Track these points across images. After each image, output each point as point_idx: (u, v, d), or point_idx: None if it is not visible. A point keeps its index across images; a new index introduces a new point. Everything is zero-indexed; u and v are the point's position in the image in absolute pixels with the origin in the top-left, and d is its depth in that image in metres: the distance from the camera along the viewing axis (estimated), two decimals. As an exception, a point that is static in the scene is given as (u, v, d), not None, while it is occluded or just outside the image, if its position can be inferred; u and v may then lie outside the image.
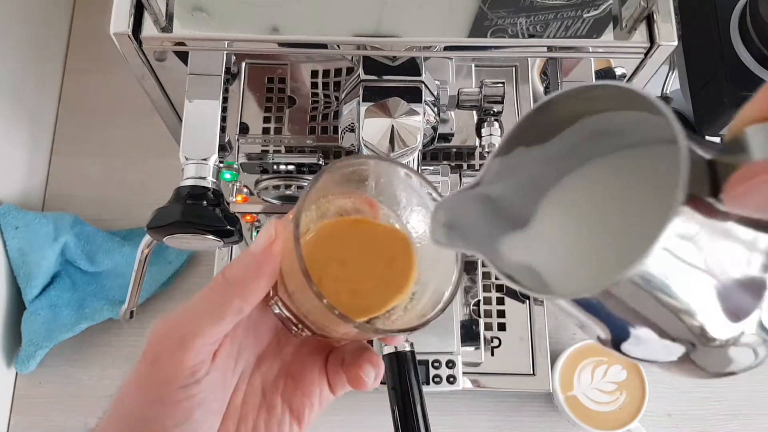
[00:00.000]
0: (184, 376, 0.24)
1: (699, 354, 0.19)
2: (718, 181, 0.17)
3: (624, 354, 0.20)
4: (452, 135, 0.55)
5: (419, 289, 0.29)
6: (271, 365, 0.30)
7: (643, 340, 0.19)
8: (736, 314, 0.18)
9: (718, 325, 0.18)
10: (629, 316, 0.18)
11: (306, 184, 0.54)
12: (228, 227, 0.41)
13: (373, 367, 0.28)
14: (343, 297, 0.26)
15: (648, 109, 0.19)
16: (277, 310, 0.29)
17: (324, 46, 0.41)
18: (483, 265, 0.67)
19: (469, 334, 0.63)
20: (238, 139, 0.54)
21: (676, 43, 0.41)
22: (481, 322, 0.64)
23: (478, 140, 0.49)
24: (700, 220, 0.16)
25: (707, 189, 0.17)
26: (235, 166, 0.53)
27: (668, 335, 0.19)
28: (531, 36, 0.41)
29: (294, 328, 0.29)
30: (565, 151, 0.22)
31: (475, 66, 0.53)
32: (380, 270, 0.28)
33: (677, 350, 0.19)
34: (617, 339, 0.20)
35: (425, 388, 0.53)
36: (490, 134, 0.48)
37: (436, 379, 0.59)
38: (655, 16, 0.41)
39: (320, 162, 0.53)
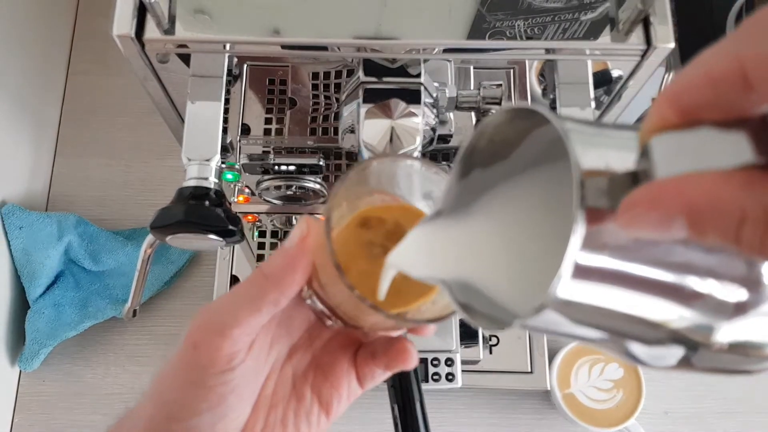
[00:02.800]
0: (221, 362, 0.26)
1: (703, 357, 0.19)
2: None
3: (636, 363, 0.20)
4: (451, 136, 0.55)
5: None
6: (302, 357, 0.31)
7: (632, 347, 0.19)
8: (726, 314, 0.18)
9: (702, 327, 0.18)
10: (595, 333, 0.18)
11: (306, 184, 0.55)
12: (230, 227, 0.41)
13: (412, 345, 0.30)
14: (375, 289, 0.27)
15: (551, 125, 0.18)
16: (310, 302, 0.29)
17: (324, 48, 0.42)
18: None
19: (468, 332, 0.63)
20: (239, 140, 0.55)
21: (672, 45, 0.41)
22: (480, 320, 0.65)
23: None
24: (617, 229, 0.16)
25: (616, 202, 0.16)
26: (237, 166, 0.53)
27: (644, 339, 0.18)
28: (529, 38, 0.41)
29: (328, 320, 0.30)
30: (519, 167, 0.22)
31: (474, 68, 0.53)
32: None
33: (675, 354, 0.19)
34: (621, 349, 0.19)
35: (424, 386, 0.53)
36: (489, 135, 0.48)
37: (435, 377, 0.60)
38: (651, 19, 0.41)
39: (321, 162, 0.53)
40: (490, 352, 0.65)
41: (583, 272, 0.16)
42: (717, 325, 0.18)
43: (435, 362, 0.60)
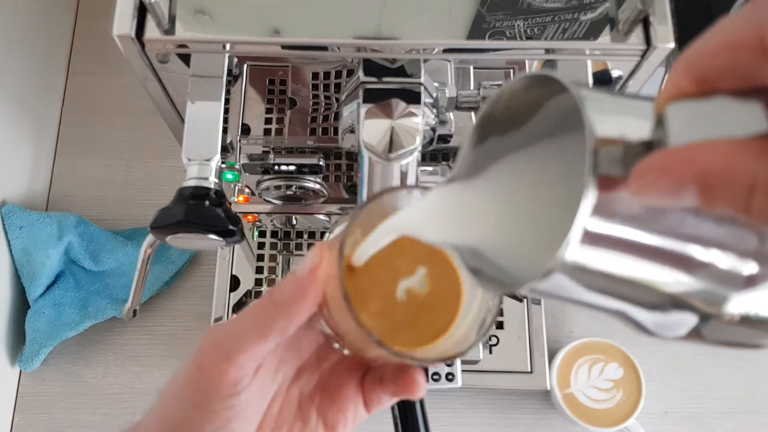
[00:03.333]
0: (226, 387, 0.25)
1: (713, 328, 0.19)
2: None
3: (651, 333, 0.20)
4: (451, 136, 0.55)
5: (460, 317, 0.29)
6: (309, 379, 0.31)
7: (641, 315, 0.19)
8: (738, 285, 0.18)
9: (714, 297, 0.18)
10: (606, 299, 0.18)
11: (306, 184, 0.55)
12: (230, 227, 0.41)
13: (421, 376, 0.29)
14: (385, 326, 0.27)
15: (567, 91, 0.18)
16: (319, 326, 0.29)
17: (324, 48, 0.42)
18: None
19: (468, 332, 0.63)
20: (239, 140, 0.55)
21: (672, 45, 0.41)
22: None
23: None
24: (629, 197, 0.16)
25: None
26: (237, 166, 0.54)
27: (652, 306, 0.18)
28: (529, 38, 0.41)
29: (336, 344, 0.30)
30: (534, 136, 0.22)
31: (474, 68, 0.53)
32: (426, 306, 0.28)
33: (686, 323, 0.19)
34: (630, 319, 0.20)
35: (424, 386, 0.53)
36: (489, 135, 0.48)
37: (435, 377, 0.60)
38: (651, 19, 0.41)
39: (321, 162, 0.53)
40: (490, 352, 0.65)
41: (592, 238, 0.16)
42: (728, 296, 0.18)
43: (435, 362, 0.60)
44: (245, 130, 0.56)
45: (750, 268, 0.17)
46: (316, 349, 0.31)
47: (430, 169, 0.52)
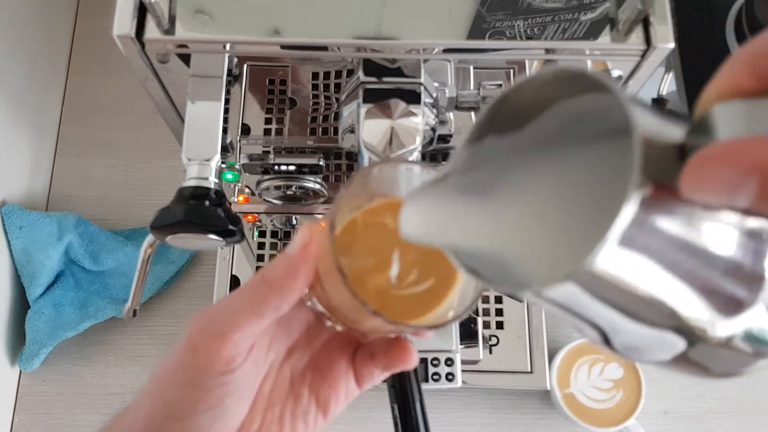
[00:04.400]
0: (220, 365, 0.26)
1: (699, 352, 0.18)
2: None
3: (625, 356, 0.20)
4: (451, 136, 0.55)
5: (456, 286, 0.29)
6: (301, 357, 0.31)
7: (630, 334, 0.18)
8: (728, 309, 0.17)
9: (708, 318, 0.17)
10: (604, 309, 0.17)
11: (306, 184, 0.55)
12: (230, 227, 0.41)
13: (412, 345, 0.30)
14: (379, 297, 0.27)
15: (605, 91, 0.17)
16: (310, 304, 0.30)
17: (324, 48, 0.42)
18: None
19: (468, 332, 0.63)
20: (239, 140, 0.55)
21: (672, 45, 0.41)
22: (480, 320, 0.65)
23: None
24: (667, 205, 0.15)
25: (676, 172, 0.15)
26: (237, 166, 0.54)
27: (651, 325, 0.18)
28: (529, 38, 0.41)
29: (327, 321, 0.30)
30: (539, 138, 0.21)
31: (474, 68, 0.53)
32: (424, 272, 0.28)
33: (675, 346, 0.18)
34: (608, 337, 0.19)
35: (424, 386, 0.53)
36: (488, 135, 0.48)
37: (435, 377, 0.60)
38: (651, 19, 0.41)
39: (321, 162, 0.53)
40: (490, 352, 0.65)
41: (626, 241, 0.15)
42: (719, 318, 0.17)
43: (435, 362, 0.60)
44: (245, 130, 0.56)
45: (742, 291, 0.17)
46: (307, 328, 0.32)
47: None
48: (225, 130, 0.44)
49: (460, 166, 0.23)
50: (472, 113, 0.50)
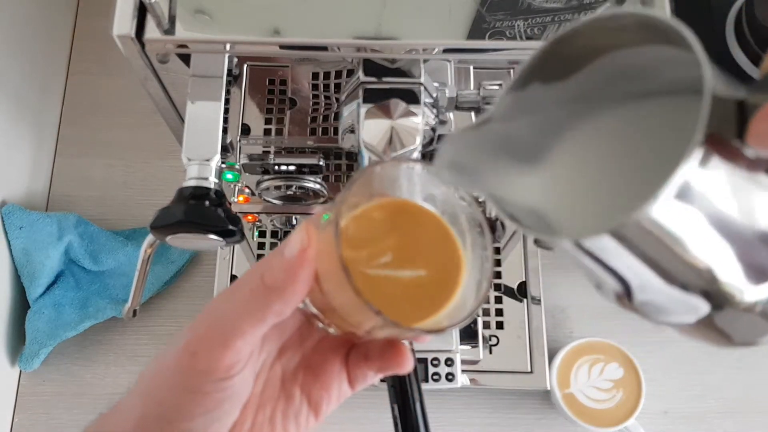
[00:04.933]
0: (220, 371, 0.25)
1: (724, 317, 0.18)
2: (746, 121, 0.15)
3: (643, 314, 0.19)
4: (451, 136, 0.55)
5: (460, 288, 0.28)
6: (292, 356, 0.31)
7: (657, 293, 0.18)
8: (759, 276, 0.17)
9: (740, 284, 0.17)
10: (640, 266, 0.17)
11: (306, 184, 0.55)
12: (230, 227, 0.41)
13: (408, 350, 0.29)
14: (382, 298, 0.26)
15: (672, 40, 0.17)
16: (302, 305, 0.29)
17: (324, 48, 0.42)
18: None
19: (468, 332, 0.64)
20: (239, 140, 0.55)
21: (671, 45, 0.41)
22: (480, 320, 0.65)
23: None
24: (723, 164, 0.15)
25: (734, 131, 0.15)
26: (237, 166, 0.54)
27: (683, 287, 0.17)
28: (529, 38, 0.41)
29: (319, 323, 0.29)
30: (587, 90, 0.21)
31: (474, 68, 0.53)
32: (427, 275, 0.28)
33: (699, 309, 0.18)
34: (631, 293, 0.19)
35: (424, 386, 0.53)
36: (488, 135, 0.48)
37: (435, 377, 0.60)
38: (650, 19, 0.41)
39: (321, 162, 0.53)
40: (490, 352, 0.65)
41: (682, 195, 0.15)
42: (751, 285, 0.17)
43: (435, 362, 0.60)
44: (245, 130, 0.56)
45: None
46: (299, 327, 0.31)
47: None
48: (225, 130, 0.44)
49: (502, 112, 0.22)
50: (473, 113, 0.50)
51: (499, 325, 0.66)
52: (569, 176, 0.20)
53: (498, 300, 0.67)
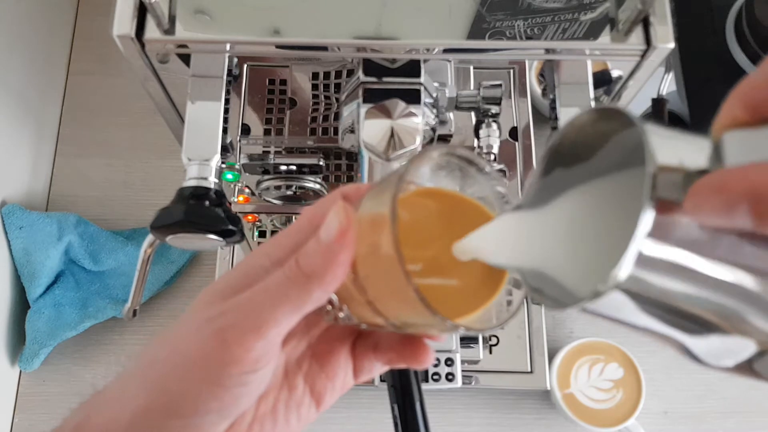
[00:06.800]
0: (248, 363, 0.23)
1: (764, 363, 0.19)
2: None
3: (689, 357, 0.20)
4: (451, 136, 0.55)
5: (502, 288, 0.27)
6: (297, 345, 0.29)
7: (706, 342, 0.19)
8: None
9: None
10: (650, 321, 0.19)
11: (306, 184, 0.55)
12: (230, 227, 0.41)
13: (428, 344, 0.28)
14: (435, 292, 0.25)
15: (630, 124, 0.19)
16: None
17: (324, 48, 0.42)
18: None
19: (468, 332, 0.64)
20: (239, 140, 0.55)
21: (672, 45, 0.41)
22: (480, 320, 0.65)
23: (476, 141, 0.50)
24: (682, 224, 0.17)
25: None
26: (237, 166, 0.54)
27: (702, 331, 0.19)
28: (529, 38, 0.41)
29: (331, 309, 0.27)
30: (595, 168, 0.23)
31: (474, 68, 0.53)
32: (469, 274, 0.26)
33: (741, 350, 0.19)
34: (685, 348, 0.20)
35: (424, 386, 0.53)
36: (488, 135, 0.48)
37: (435, 377, 0.60)
38: (651, 19, 0.41)
39: (321, 162, 0.53)
40: (490, 352, 0.65)
41: (648, 260, 0.17)
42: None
43: (435, 362, 0.60)
44: (245, 130, 0.56)
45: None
46: (305, 315, 0.29)
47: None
48: (225, 130, 0.44)
49: (531, 197, 0.24)
50: (472, 113, 0.51)
51: (499, 325, 0.66)
52: (579, 248, 0.22)
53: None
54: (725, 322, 0.18)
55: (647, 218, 0.16)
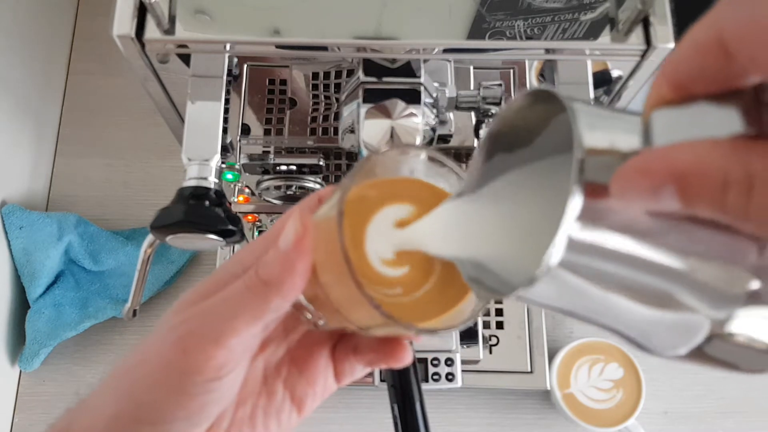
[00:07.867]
0: (211, 371, 0.24)
1: (715, 347, 0.18)
2: None
3: (633, 345, 0.20)
4: (451, 136, 0.55)
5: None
6: (276, 350, 0.29)
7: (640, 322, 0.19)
8: (719, 300, 0.17)
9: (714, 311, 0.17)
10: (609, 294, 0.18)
11: (306, 184, 0.55)
12: (230, 227, 0.41)
13: (407, 342, 0.28)
14: (385, 294, 0.25)
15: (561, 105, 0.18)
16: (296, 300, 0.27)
17: (324, 48, 0.42)
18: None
19: (468, 332, 0.64)
20: (239, 140, 0.55)
21: (672, 45, 0.41)
22: (480, 320, 0.65)
23: (476, 141, 0.50)
24: (609, 207, 0.16)
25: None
26: (237, 166, 0.54)
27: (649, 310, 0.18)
28: (529, 38, 0.41)
29: (308, 315, 0.27)
30: (535, 152, 0.22)
31: (474, 68, 0.53)
32: (436, 272, 0.26)
33: (693, 338, 0.18)
34: (629, 338, 0.20)
35: (424, 386, 0.53)
36: (488, 135, 0.48)
37: (435, 377, 0.60)
38: (651, 19, 0.41)
39: (321, 163, 0.53)
40: (490, 352, 0.65)
41: (580, 245, 0.16)
42: (731, 314, 0.17)
43: (435, 362, 0.60)
44: (245, 130, 0.56)
45: (752, 284, 0.17)
46: (284, 319, 0.29)
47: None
48: (225, 130, 0.44)
49: (471, 184, 0.24)
50: (472, 113, 0.50)
51: (499, 325, 0.66)
52: (514, 236, 0.22)
53: (497, 300, 0.67)
54: (665, 306, 0.18)
55: (575, 202, 0.16)
